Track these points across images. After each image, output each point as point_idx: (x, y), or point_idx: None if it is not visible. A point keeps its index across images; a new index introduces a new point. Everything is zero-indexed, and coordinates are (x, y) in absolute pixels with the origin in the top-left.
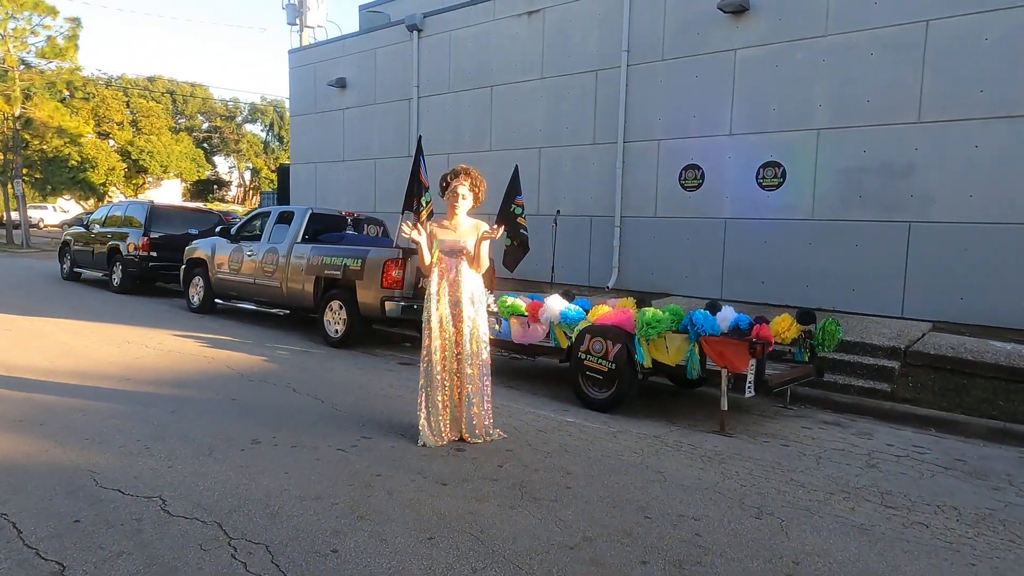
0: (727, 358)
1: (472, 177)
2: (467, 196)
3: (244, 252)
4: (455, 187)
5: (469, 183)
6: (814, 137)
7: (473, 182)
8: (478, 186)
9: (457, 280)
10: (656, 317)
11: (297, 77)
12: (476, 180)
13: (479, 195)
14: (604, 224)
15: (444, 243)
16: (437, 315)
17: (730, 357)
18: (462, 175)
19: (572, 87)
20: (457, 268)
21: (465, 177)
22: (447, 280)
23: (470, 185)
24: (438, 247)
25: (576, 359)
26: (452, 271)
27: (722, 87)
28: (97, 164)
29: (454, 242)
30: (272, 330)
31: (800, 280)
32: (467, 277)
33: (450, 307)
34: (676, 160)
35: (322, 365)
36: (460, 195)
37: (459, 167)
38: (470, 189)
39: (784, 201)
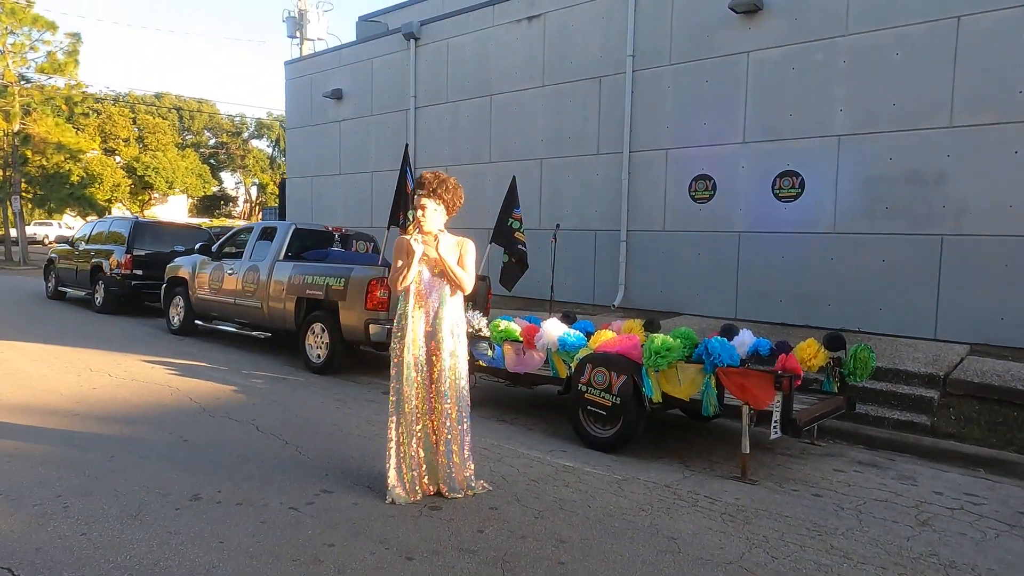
0: (749, 392)
1: (432, 185)
2: (436, 208)
3: (225, 270)
4: (417, 202)
5: (433, 194)
6: (835, 144)
7: (435, 191)
8: (448, 193)
9: (439, 310)
10: (666, 345)
11: (293, 89)
12: (442, 187)
13: (452, 204)
14: (609, 239)
15: (425, 263)
16: (411, 349)
17: (752, 391)
18: (425, 184)
19: (575, 95)
20: (439, 294)
21: (425, 188)
22: (425, 309)
23: (433, 196)
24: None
25: (576, 391)
26: (432, 297)
27: (734, 92)
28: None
29: (432, 262)
30: (253, 354)
31: (821, 299)
32: (449, 306)
33: (426, 340)
34: (685, 170)
35: (296, 396)
36: (423, 207)
37: (423, 176)
38: (437, 200)
39: (803, 213)
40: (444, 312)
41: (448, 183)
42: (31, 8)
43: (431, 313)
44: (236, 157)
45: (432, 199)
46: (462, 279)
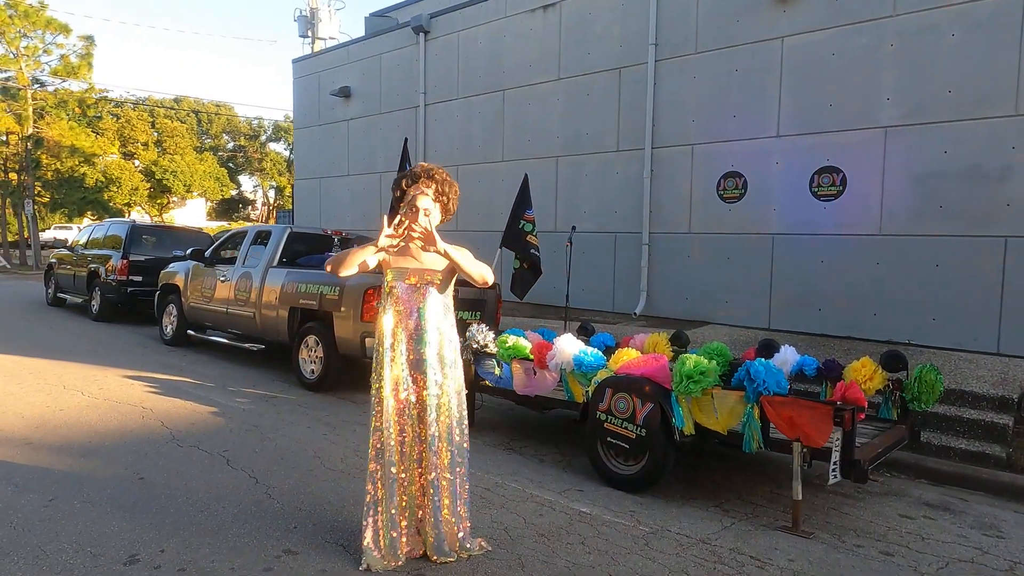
0: (801, 428)
1: (437, 181)
2: (431, 210)
3: (218, 277)
4: (413, 198)
5: (433, 190)
6: (881, 137)
7: (439, 188)
8: (446, 193)
9: (421, 328)
10: (700, 368)
11: (301, 88)
12: (443, 184)
13: (449, 204)
14: (630, 242)
15: (400, 274)
16: (391, 382)
17: (805, 427)
18: (423, 178)
19: (593, 87)
20: (419, 310)
21: (428, 182)
22: (405, 328)
23: (434, 193)
24: (391, 278)
25: (594, 420)
26: (413, 315)
27: (767, 81)
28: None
29: (419, 273)
30: (245, 368)
31: (866, 307)
32: (434, 322)
33: (409, 369)
34: (713, 167)
35: (281, 420)
36: (422, 210)
37: (418, 167)
38: (435, 199)
39: (845, 213)
40: (429, 332)
41: (448, 179)
42: (44, 11)
43: (413, 335)
44: (254, 160)
45: (437, 203)
46: (472, 271)
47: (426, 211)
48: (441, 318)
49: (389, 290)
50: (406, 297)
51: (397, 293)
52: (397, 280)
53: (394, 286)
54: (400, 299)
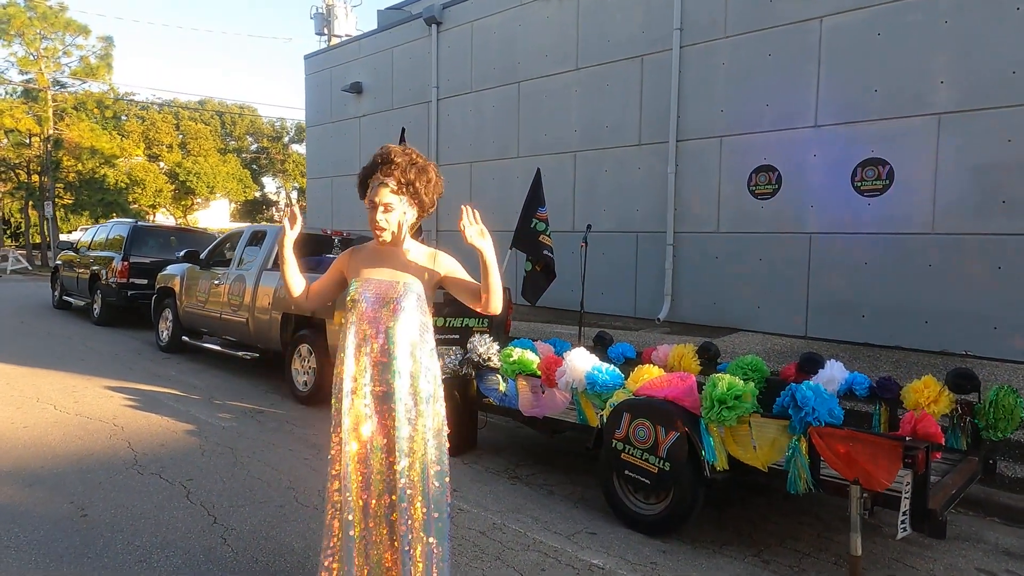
0: (860, 466)
1: (398, 167)
2: (393, 205)
3: (213, 280)
4: (374, 188)
5: (397, 176)
6: (934, 124)
7: (401, 176)
8: (412, 181)
9: (390, 352)
10: (735, 390)
11: (313, 84)
12: (407, 170)
13: (422, 196)
14: (653, 242)
15: (366, 284)
16: (351, 419)
17: (866, 465)
18: (382, 164)
19: (613, 78)
20: (388, 331)
21: (386, 169)
22: (370, 352)
23: (395, 183)
24: (355, 289)
25: (610, 449)
26: (380, 336)
27: (804, 66)
28: (145, 186)
29: (387, 285)
30: (237, 379)
31: (915, 314)
32: (407, 346)
33: (375, 403)
34: (744, 161)
35: (261, 440)
36: (381, 204)
37: (383, 149)
38: (396, 190)
39: (891, 210)
40: (401, 358)
41: (426, 170)
42: (64, 13)
43: (380, 361)
44: (276, 161)
45: (401, 195)
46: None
47: (385, 206)
48: (417, 341)
49: (351, 303)
50: (372, 313)
51: (361, 308)
52: (362, 291)
53: (357, 299)
54: (365, 315)
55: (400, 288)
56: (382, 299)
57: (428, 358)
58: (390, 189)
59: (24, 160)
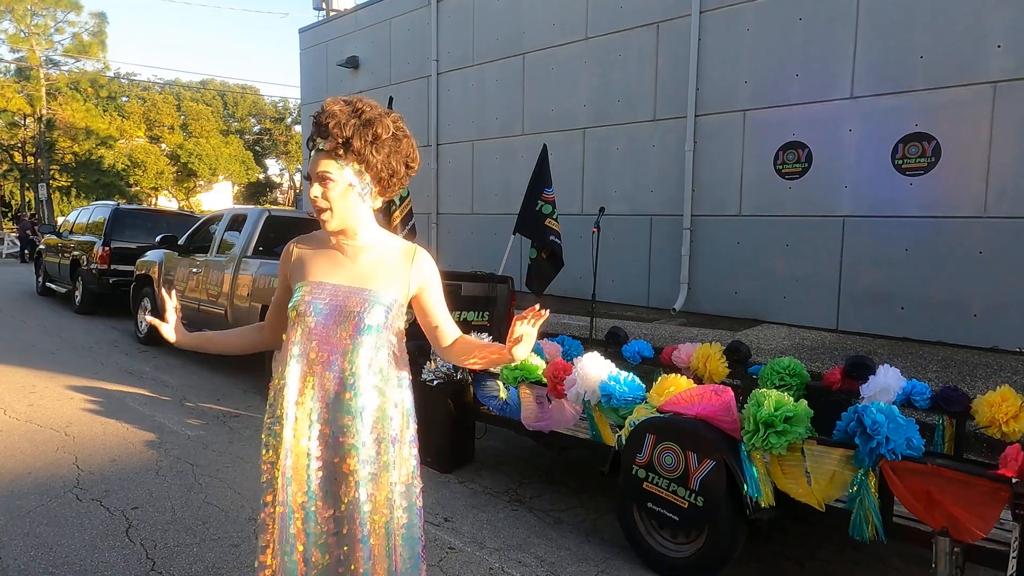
0: (948, 511)
1: (338, 118)
2: (331, 173)
3: (191, 268)
4: (314, 165)
5: (333, 133)
6: (988, 94)
7: (341, 128)
8: (362, 151)
9: (346, 385)
10: (784, 410)
11: (308, 60)
12: (351, 122)
13: (378, 167)
14: (669, 226)
15: (316, 291)
16: (291, 475)
17: (956, 509)
18: (329, 126)
19: (626, 48)
20: (347, 357)
21: (325, 124)
22: (320, 386)
23: (333, 139)
24: (300, 298)
25: (630, 477)
26: (335, 364)
27: (839, 31)
28: (146, 168)
29: (346, 293)
30: (216, 376)
31: (964, 306)
32: (371, 377)
33: (324, 452)
34: (770, 137)
35: (229, 454)
36: (322, 176)
37: (325, 111)
38: (332, 150)
39: (937, 191)
40: (364, 394)
41: (373, 124)
42: None
43: (333, 398)
44: (279, 143)
45: (342, 159)
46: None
47: (321, 177)
48: (385, 370)
49: (295, 317)
50: (323, 331)
51: (309, 323)
52: (310, 300)
53: (304, 311)
54: (313, 334)
55: (364, 298)
56: (339, 313)
57: (397, 390)
58: (325, 153)
59: (18, 141)
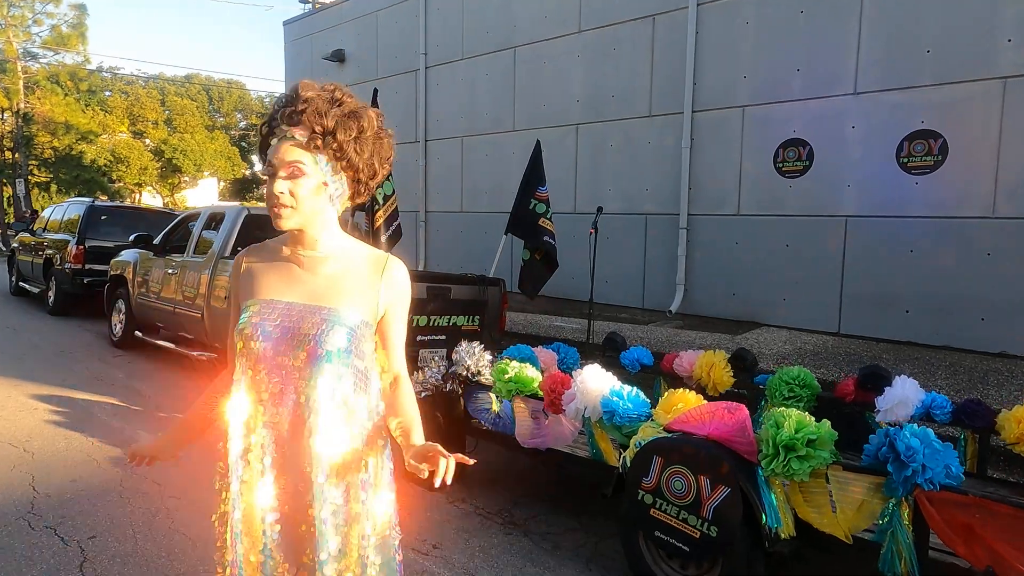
0: (991, 545)
1: (316, 104)
2: (304, 166)
3: (166, 268)
4: (275, 144)
5: (309, 121)
6: (998, 90)
7: (320, 115)
8: (343, 130)
9: (303, 423)
10: (806, 432)
11: (293, 53)
12: (332, 111)
13: (356, 158)
14: (664, 225)
15: (266, 311)
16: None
17: (997, 543)
18: (285, 105)
19: (620, 41)
20: (301, 390)
21: (297, 110)
22: (272, 424)
23: (310, 128)
24: (248, 319)
25: (635, 502)
26: (288, 400)
27: (843, 23)
28: (130, 163)
29: (301, 313)
30: (195, 384)
31: (970, 309)
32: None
33: (278, 502)
34: (770, 134)
35: (200, 471)
36: (283, 166)
37: (300, 88)
38: (309, 141)
39: (944, 190)
40: (321, 434)
41: (359, 116)
42: None
43: (288, 440)
44: None
45: (318, 152)
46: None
47: (291, 168)
48: (351, 401)
49: (241, 341)
50: (274, 359)
51: (256, 350)
52: (259, 322)
53: (252, 334)
54: (262, 362)
55: (323, 318)
56: (292, 336)
57: (367, 424)
58: (298, 143)
59: None
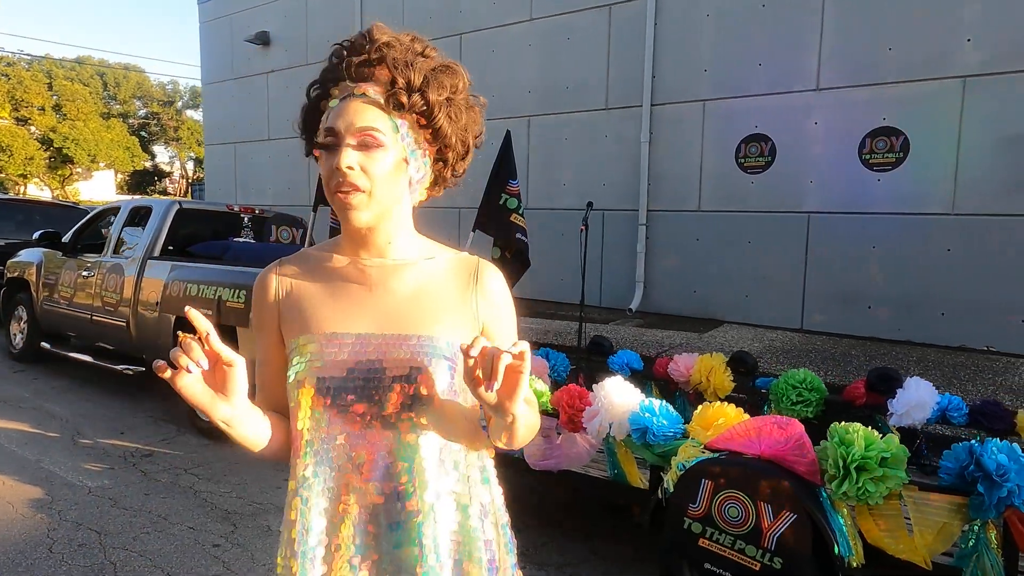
0: None
1: (397, 53)
2: (382, 136)
3: (80, 270)
4: (336, 108)
5: (388, 73)
6: (957, 88)
7: (404, 66)
8: (435, 88)
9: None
10: (878, 448)
11: (209, 34)
12: (417, 64)
13: (449, 128)
14: (623, 221)
15: (332, 348)
16: None
17: None
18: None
19: (575, 29)
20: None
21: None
22: (356, 504)
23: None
24: (308, 362)
25: (680, 531)
26: (378, 466)
27: (805, 19)
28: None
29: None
30: (118, 401)
31: (931, 305)
32: (443, 481)
33: None
34: (731, 129)
35: (147, 513)
36: (352, 134)
37: (373, 30)
38: (387, 100)
39: (905, 187)
40: (434, 509)
41: (455, 72)
42: None
43: (380, 519)
44: (169, 129)
45: (397, 117)
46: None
47: (364, 137)
48: (463, 463)
49: (299, 392)
50: (352, 417)
51: (325, 408)
52: (323, 364)
53: (316, 387)
54: (336, 422)
55: (415, 351)
56: (375, 381)
57: (483, 488)
58: (372, 101)
59: None
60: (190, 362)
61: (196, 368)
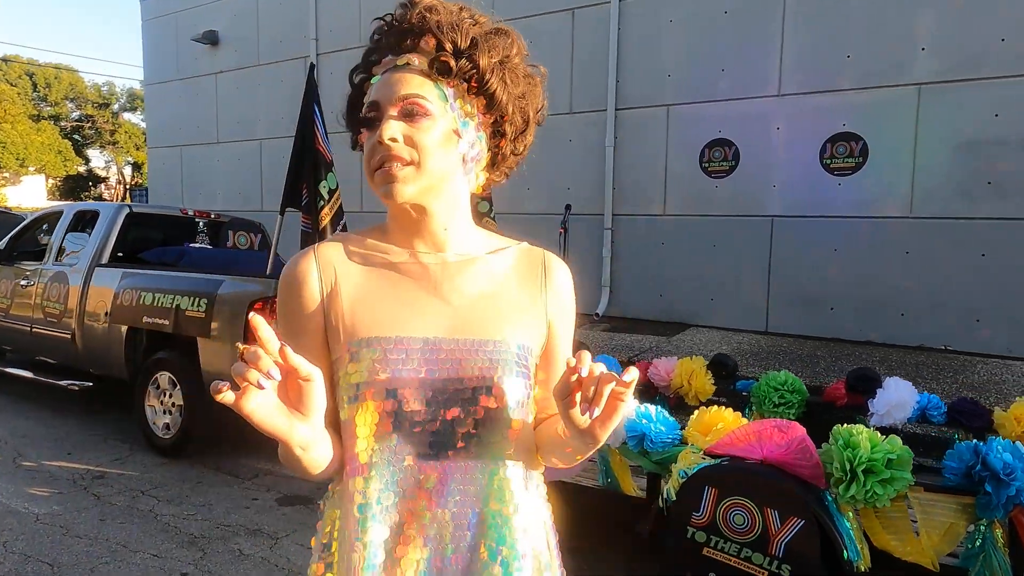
0: None
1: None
2: (429, 105)
3: (16, 279)
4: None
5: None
6: (913, 96)
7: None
8: (488, 54)
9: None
10: (883, 450)
11: (152, 32)
12: (469, 30)
13: (506, 97)
14: (588, 226)
15: (397, 354)
16: None
17: None
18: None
19: (538, 33)
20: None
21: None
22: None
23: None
24: (364, 371)
25: (684, 540)
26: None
27: (767, 26)
28: None
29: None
30: (61, 420)
31: (891, 306)
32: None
33: None
34: (695, 134)
35: (104, 541)
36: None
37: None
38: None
39: (865, 191)
40: (517, 539)
41: (512, 40)
42: None
43: (457, 558)
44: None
45: (446, 85)
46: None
47: (410, 105)
48: (542, 490)
49: (368, 415)
50: (422, 435)
51: (393, 424)
52: (392, 376)
53: (384, 399)
54: (404, 441)
55: (491, 358)
56: (448, 393)
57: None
58: (417, 69)
59: None
60: (260, 376)
61: (268, 382)
